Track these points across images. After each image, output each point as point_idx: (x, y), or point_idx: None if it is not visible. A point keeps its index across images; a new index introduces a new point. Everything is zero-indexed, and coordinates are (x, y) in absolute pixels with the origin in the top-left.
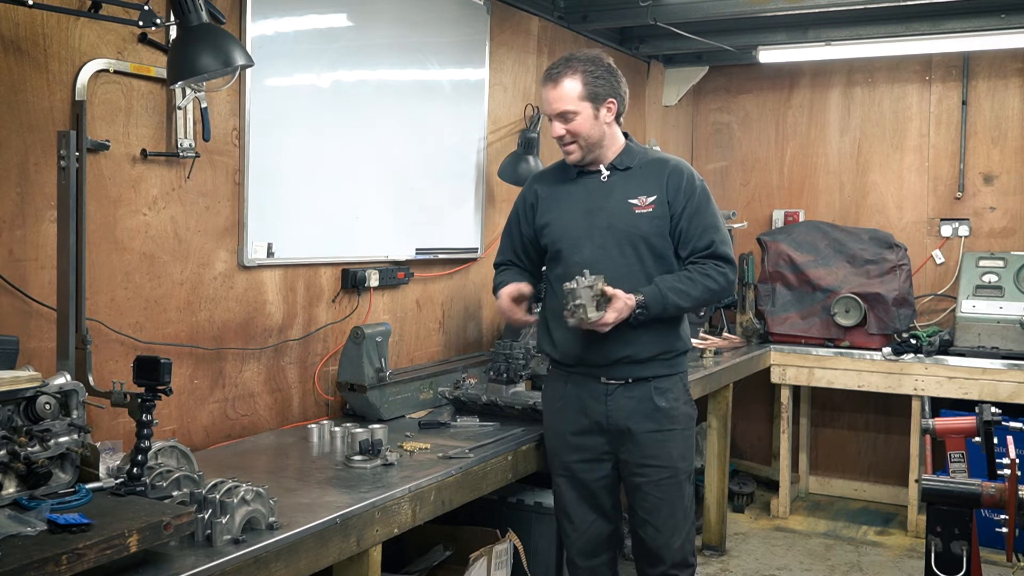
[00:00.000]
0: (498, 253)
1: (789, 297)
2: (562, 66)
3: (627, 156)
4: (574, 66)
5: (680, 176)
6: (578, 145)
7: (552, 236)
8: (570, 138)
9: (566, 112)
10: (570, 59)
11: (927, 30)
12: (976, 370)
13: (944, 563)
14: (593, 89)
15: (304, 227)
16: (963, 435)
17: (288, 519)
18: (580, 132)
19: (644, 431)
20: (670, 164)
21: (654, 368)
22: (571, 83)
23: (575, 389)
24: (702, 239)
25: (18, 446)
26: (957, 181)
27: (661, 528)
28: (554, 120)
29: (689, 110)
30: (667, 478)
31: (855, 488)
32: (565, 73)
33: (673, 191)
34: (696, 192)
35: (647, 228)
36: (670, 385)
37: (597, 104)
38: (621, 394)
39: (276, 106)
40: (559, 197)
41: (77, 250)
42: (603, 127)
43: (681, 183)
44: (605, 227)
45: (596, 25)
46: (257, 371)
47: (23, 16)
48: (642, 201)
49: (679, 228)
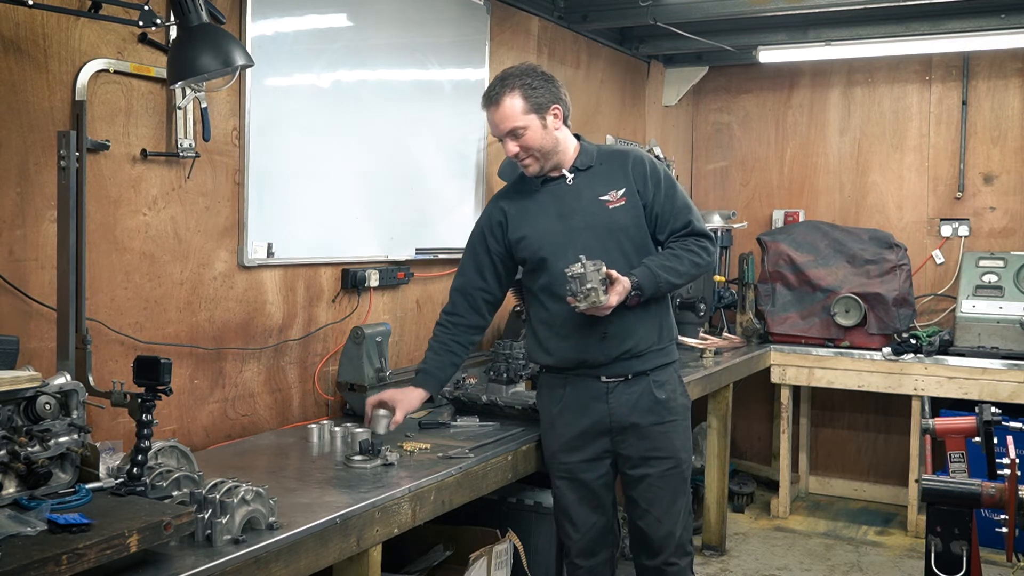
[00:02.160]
0: (457, 275)
1: (789, 297)
2: (498, 86)
3: (585, 156)
4: (510, 83)
5: (642, 164)
6: (534, 158)
7: (531, 248)
8: (525, 153)
9: (515, 129)
10: (504, 77)
11: (927, 30)
12: (976, 370)
13: (944, 563)
14: (535, 100)
15: (304, 227)
16: (963, 435)
17: (288, 519)
18: (533, 145)
19: (648, 424)
20: (630, 155)
21: (651, 360)
22: (511, 100)
23: (574, 391)
24: (678, 219)
25: (18, 446)
26: (957, 181)
27: (663, 519)
28: (505, 140)
29: (689, 110)
30: (671, 468)
31: (855, 488)
32: (503, 92)
33: (640, 180)
34: (662, 178)
35: (624, 220)
36: (667, 377)
37: (542, 114)
38: (622, 391)
39: (276, 106)
40: (529, 209)
41: (77, 250)
42: (553, 134)
43: (645, 171)
44: (583, 228)
45: (596, 25)
46: (257, 371)
47: (23, 16)
48: (613, 196)
49: (654, 214)
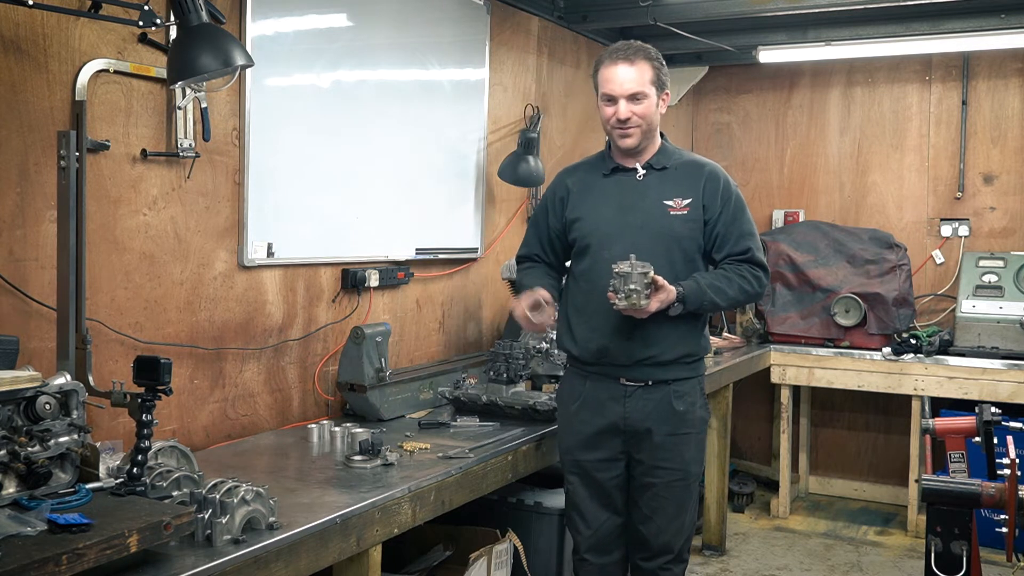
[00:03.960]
0: (522, 245)
1: (789, 297)
2: (632, 48)
3: (663, 156)
4: (645, 51)
5: (717, 181)
6: (640, 129)
7: (583, 231)
8: (636, 120)
9: (638, 93)
10: (638, 45)
11: (927, 30)
12: (976, 370)
13: (944, 563)
14: (660, 76)
15: (304, 227)
16: (963, 435)
17: (288, 519)
18: (646, 116)
19: (661, 434)
20: (707, 168)
21: (674, 371)
22: (645, 65)
23: (593, 389)
24: (738, 244)
25: (18, 446)
26: (957, 181)
27: (665, 528)
28: (621, 101)
29: (689, 110)
30: (678, 480)
31: (855, 488)
32: (639, 54)
33: (710, 196)
34: (732, 198)
35: (681, 230)
36: (688, 389)
37: (659, 92)
38: (640, 396)
39: (276, 106)
40: (592, 192)
41: (77, 250)
42: (658, 116)
43: (718, 188)
44: (639, 226)
45: (596, 25)
46: (257, 371)
47: (23, 16)
48: (677, 203)
49: (715, 233)
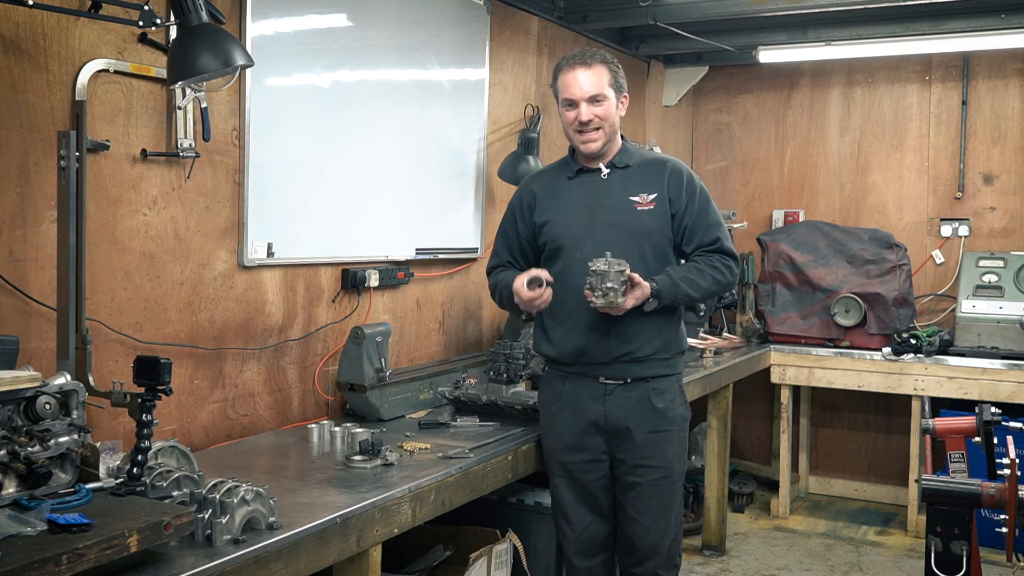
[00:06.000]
0: (492, 256)
1: (789, 297)
2: (589, 53)
3: (625, 155)
4: (601, 55)
5: (680, 175)
6: (602, 132)
7: (552, 233)
8: (597, 122)
9: (598, 95)
10: (593, 51)
11: (927, 30)
12: (976, 370)
13: (944, 563)
14: (617, 79)
15: (304, 227)
16: (963, 435)
17: (288, 519)
18: (607, 118)
19: (642, 432)
20: (669, 164)
21: (653, 367)
22: (602, 68)
23: (573, 389)
24: (707, 235)
25: (18, 446)
26: (957, 181)
27: (651, 528)
28: (583, 104)
29: (689, 110)
30: (661, 479)
31: (855, 488)
32: (596, 59)
33: (675, 190)
34: (697, 191)
35: (649, 225)
36: (667, 386)
37: (618, 95)
38: (620, 394)
39: (276, 106)
40: (558, 195)
41: (77, 250)
42: (619, 118)
43: (682, 181)
44: (607, 224)
45: (596, 25)
46: (257, 371)
47: (23, 16)
48: (643, 198)
49: (683, 226)
